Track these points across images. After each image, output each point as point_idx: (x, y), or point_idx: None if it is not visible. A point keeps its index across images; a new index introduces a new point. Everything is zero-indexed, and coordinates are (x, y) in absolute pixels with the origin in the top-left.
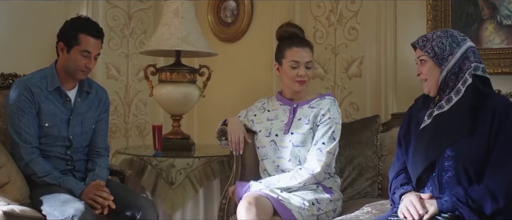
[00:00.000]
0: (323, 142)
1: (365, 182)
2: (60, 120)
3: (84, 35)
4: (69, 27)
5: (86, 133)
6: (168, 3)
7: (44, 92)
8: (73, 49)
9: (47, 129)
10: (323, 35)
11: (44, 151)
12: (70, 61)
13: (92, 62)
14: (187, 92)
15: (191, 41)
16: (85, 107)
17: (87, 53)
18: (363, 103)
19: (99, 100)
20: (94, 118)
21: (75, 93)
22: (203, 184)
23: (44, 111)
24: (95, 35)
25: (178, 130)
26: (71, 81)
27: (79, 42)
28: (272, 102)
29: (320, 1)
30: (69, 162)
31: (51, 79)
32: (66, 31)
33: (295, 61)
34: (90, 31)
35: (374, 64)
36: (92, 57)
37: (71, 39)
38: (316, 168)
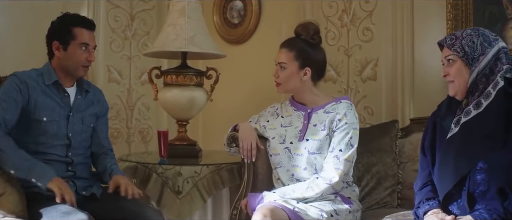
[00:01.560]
0: (340, 149)
1: (384, 191)
2: (59, 115)
3: (78, 28)
4: (60, 23)
5: (85, 131)
6: (173, 2)
7: (41, 86)
8: (70, 45)
9: (45, 124)
10: (335, 36)
11: (43, 154)
12: (69, 58)
13: (92, 54)
14: (194, 96)
15: (198, 42)
16: (85, 104)
17: (86, 45)
18: (379, 107)
19: (97, 100)
20: (93, 117)
21: (75, 90)
22: (212, 193)
23: (41, 105)
24: (88, 26)
25: (184, 136)
26: (68, 80)
27: (75, 36)
28: (285, 107)
29: (332, 0)
30: (70, 167)
31: (47, 74)
32: (58, 28)
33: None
34: (83, 23)
35: (390, 66)
36: (90, 50)
37: (66, 35)
38: (334, 177)
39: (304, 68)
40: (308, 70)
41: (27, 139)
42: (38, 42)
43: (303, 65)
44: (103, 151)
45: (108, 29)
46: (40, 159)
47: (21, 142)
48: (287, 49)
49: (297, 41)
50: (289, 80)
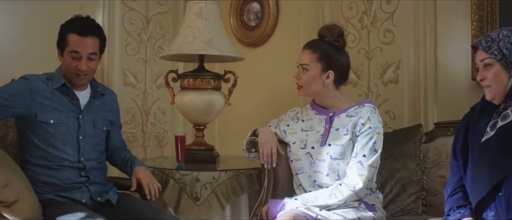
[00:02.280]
0: (364, 154)
1: (409, 198)
2: (67, 117)
3: (72, 34)
4: (60, 28)
5: (98, 135)
6: (190, 3)
7: (49, 88)
8: (65, 51)
9: (53, 127)
10: (355, 39)
11: (56, 158)
12: (65, 65)
13: (83, 63)
14: (212, 99)
15: (216, 45)
16: (98, 107)
17: (76, 53)
18: (400, 111)
19: (110, 103)
20: (107, 121)
21: (88, 93)
22: (230, 200)
23: (48, 108)
24: (83, 32)
25: (201, 141)
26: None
27: (68, 43)
28: (306, 111)
29: (352, 1)
30: (83, 172)
31: (56, 78)
32: (59, 33)
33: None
34: (76, 29)
35: (412, 69)
36: (82, 58)
37: (62, 41)
38: (357, 183)
39: (327, 71)
40: (331, 73)
41: (38, 143)
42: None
43: (326, 68)
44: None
45: (123, 32)
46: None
47: (32, 145)
48: (310, 50)
49: (320, 43)
50: (311, 83)
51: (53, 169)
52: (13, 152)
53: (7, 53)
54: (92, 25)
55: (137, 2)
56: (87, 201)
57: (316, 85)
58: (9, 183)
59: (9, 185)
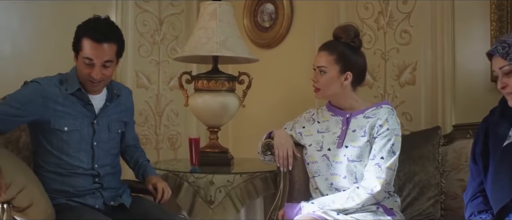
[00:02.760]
0: (382, 156)
1: (427, 201)
2: (81, 124)
3: (86, 40)
4: (77, 30)
5: (113, 139)
6: (204, 4)
7: (63, 93)
8: (79, 55)
9: (67, 134)
10: (371, 39)
11: (69, 165)
12: (78, 70)
13: (97, 71)
14: (226, 101)
15: (230, 46)
16: (114, 110)
17: (89, 60)
18: (418, 113)
19: (125, 102)
20: (122, 123)
21: (104, 97)
22: (245, 203)
23: (62, 114)
24: (98, 39)
25: (215, 143)
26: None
27: (82, 48)
28: (322, 112)
29: (367, 2)
30: (97, 179)
31: (71, 82)
32: (75, 35)
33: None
34: (92, 35)
35: (429, 70)
36: (96, 66)
37: (76, 44)
38: (375, 186)
39: (345, 72)
40: (349, 75)
41: (51, 149)
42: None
43: (344, 69)
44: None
45: (136, 34)
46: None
47: (46, 151)
48: (327, 52)
49: (337, 44)
50: (329, 85)
51: (66, 176)
52: (27, 154)
53: (20, 53)
54: (109, 30)
55: (150, 3)
56: (100, 207)
57: (334, 87)
58: (23, 189)
59: (23, 191)
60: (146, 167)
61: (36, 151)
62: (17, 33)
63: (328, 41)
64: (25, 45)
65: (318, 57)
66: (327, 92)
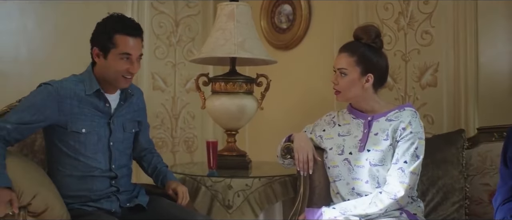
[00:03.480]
0: (405, 160)
1: (451, 206)
2: (98, 124)
3: (120, 35)
4: (102, 28)
5: (127, 139)
6: (222, 5)
7: (79, 95)
8: (110, 53)
9: (85, 136)
10: (392, 41)
11: (87, 166)
12: (109, 67)
13: (134, 65)
14: (244, 104)
15: (248, 48)
16: (128, 109)
17: (128, 55)
18: (439, 115)
19: (137, 102)
20: (135, 122)
21: (118, 97)
22: (264, 208)
23: (79, 116)
24: (132, 33)
25: (233, 146)
26: (112, 87)
27: (116, 44)
28: (343, 115)
29: (387, 2)
30: (114, 181)
31: (89, 82)
32: (100, 33)
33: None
34: (126, 30)
35: (451, 72)
36: (133, 60)
37: (106, 42)
38: (399, 191)
39: (366, 74)
40: (371, 77)
41: (67, 151)
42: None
43: (365, 71)
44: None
45: (152, 36)
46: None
47: (61, 154)
48: (348, 53)
49: (358, 45)
50: (350, 88)
51: (83, 179)
52: (42, 157)
53: (36, 56)
54: (137, 26)
55: (166, 4)
56: (116, 210)
57: (355, 89)
58: (37, 194)
59: (37, 196)
60: (165, 173)
61: (51, 155)
62: (33, 36)
63: (348, 42)
64: (41, 47)
65: (338, 58)
66: (348, 95)
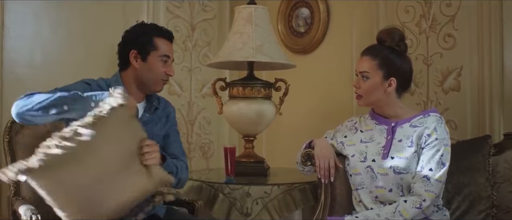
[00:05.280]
0: (431, 168)
1: (478, 215)
2: None
3: (160, 39)
4: (140, 31)
5: None
6: (239, 8)
7: None
8: (150, 55)
9: None
10: (413, 44)
11: None
12: (149, 70)
13: (172, 68)
14: (262, 109)
15: (267, 51)
16: (152, 122)
17: (166, 58)
18: (463, 121)
19: (167, 116)
20: (160, 135)
21: (143, 107)
22: (283, 216)
23: None
24: (170, 38)
25: (251, 153)
26: (138, 95)
27: (157, 47)
28: (365, 121)
29: (408, 5)
30: None
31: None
32: (139, 36)
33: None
34: (165, 34)
35: (475, 76)
36: (170, 63)
37: (146, 45)
38: (424, 200)
39: (388, 78)
40: (393, 81)
41: None
42: (96, 54)
43: (387, 75)
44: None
45: None
46: None
47: None
48: (370, 57)
49: (380, 49)
50: (372, 92)
51: None
52: None
53: (51, 60)
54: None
55: (182, 9)
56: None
57: (377, 93)
58: None
59: None
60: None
61: None
62: (47, 41)
63: (371, 45)
64: (56, 52)
65: (360, 62)
66: (370, 99)
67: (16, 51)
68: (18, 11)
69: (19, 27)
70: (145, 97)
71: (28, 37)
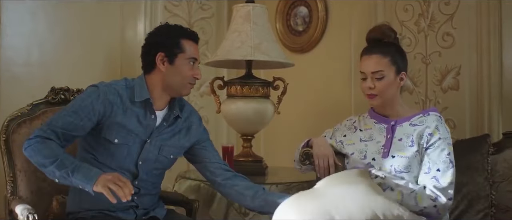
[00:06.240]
0: (438, 168)
1: (477, 215)
2: (134, 140)
3: (187, 41)
4: (167, 33)
5: (160, 162)
6: (237, 7)
7: (125, 103)
8: (178, 58)
9: (115, 147)
10: (411, 43)
11: None
12: (176, 73)
13: (198, 71)
14: (260, 108)
15: (265, 50)
16: (169, 133)
17: (194, 60)
18: (462, 120)
19: (188, 127)
20: (176, 148)
21: (163, 114)
22: None
23: (117, 126)
24: (196, 39)
25: (249, 152)
26: (162, 101)
27: (184, 49)
28: (364, 120)
29: (407, 4)
30: (135, 197)
31: (139, 90)
32: (165, 38)
33: (362, 73)
34: (192, 36)
35: (474, 74)
36: (197, 65)
37: (174, 47)
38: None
39: (400, 73)
40: (404, 75)
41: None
42: (93, 53)
43: (398, 70)
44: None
45: None
46: None
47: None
48: (380, 55)
49: (386, 45)
50: (388, 90)
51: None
52: None
53: (48, 59)
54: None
55: (180, 7)
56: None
57: (392, 90)
58: None
59: None
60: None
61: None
62: (44, 39)
63: (374, 44)
64: (53, 50)
65: (368, 62)
66: (385, 97)
67: (13, 49)
68: (15, 9)
69: (16, 26)
70: (169, 103)
71: (25, 36)
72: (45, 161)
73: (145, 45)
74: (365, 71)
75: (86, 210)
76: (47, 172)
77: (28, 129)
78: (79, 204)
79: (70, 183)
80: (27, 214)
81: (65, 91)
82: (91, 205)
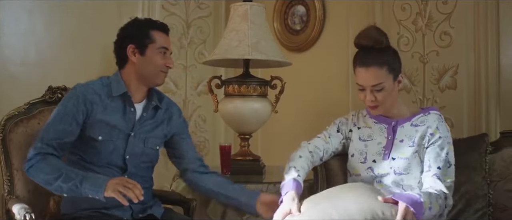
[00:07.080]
0: (438, 166)
1: (474, 214)
2: (118, 135)
3: (157, 31)
4: (136, 26)
5: (147, 154)
6: (235, 5)
7: (104, 101)
8: (148, 48)
9: (100, 144)
10: (409, 42)
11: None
12: (148, 63)
13: (170, 60)
14: (258, 107)
15: (263, 49)
16: (151, 124)
17: (165, 50)
18: (459, 119)
19: (169, 118)
20: (160, 138)
21: (142, 106)
22: None
23: (99, 123)
24: (165, 30)
25: (247, 151)
26: (139, 93)
27: (154, 40)
28: (363, 118)
29: (404, 3)
30: None
31: (116, 85)
32: (134, 30)
33: (359, 85)
34: (161, 27)
35: (471, 73)
36: (169, 55)
37: (143, 38)
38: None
39: (397, 78)
40: (401, 77)
41: (79, 156)
42: (90, 53)
43: (395, 76)
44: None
45: None
46: None
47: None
48: (377, 66)
49: (381, 53)
50: (388, 98)
51: None
52: None
53: (45, 58)
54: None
55: (177, 6)
56: (128, 218)
57: (393, 97)
58: None
59: None
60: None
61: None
62: (41, 38)
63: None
64: (50, 49)
65: (366, 75)
66: (387, 105)
67: (10, 48)
68: (12, 8)
69: (13, 25)
70: (147, 95)
71: (22, 35)
72: (49, 177)
73: (117, 40)
74: (364, 85)
75: (82, 210)
76: (53, 189)
77: (25, 128)
78: (74, 205)
79: (80, 194)
80: (24, 214)
81: (62, 90)
82: (86, 205)
